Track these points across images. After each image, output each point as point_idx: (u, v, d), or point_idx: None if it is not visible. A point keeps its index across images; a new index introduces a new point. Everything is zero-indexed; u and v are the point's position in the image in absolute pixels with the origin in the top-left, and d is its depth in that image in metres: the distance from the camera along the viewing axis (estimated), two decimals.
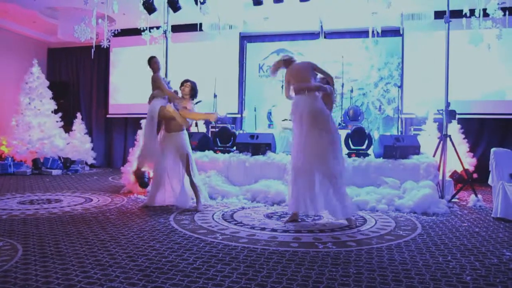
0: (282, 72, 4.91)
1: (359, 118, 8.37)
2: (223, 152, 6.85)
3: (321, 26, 9.48)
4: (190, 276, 2.82)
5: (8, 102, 10.29)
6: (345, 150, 6.57)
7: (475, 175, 7.17)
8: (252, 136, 6.82)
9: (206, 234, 4.01)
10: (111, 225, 4.36)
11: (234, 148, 6.95)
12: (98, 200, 5.91)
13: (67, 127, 10.50)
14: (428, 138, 7.55)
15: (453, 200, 5.95)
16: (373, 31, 7.83)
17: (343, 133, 6.72)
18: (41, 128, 9.84)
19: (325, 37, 9.73)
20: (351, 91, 9.21)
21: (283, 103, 8.12)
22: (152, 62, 5.49)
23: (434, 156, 6.22)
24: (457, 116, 6.88)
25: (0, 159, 9.46)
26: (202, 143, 6.98)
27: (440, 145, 6.08)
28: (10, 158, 9.29)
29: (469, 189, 6.31)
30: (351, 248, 3.59)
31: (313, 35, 9.86)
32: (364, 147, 6.58)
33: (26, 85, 9.97)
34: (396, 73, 9.61)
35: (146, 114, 5.35)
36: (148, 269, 2.95)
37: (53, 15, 9.59)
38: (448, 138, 6.02)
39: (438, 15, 7.68)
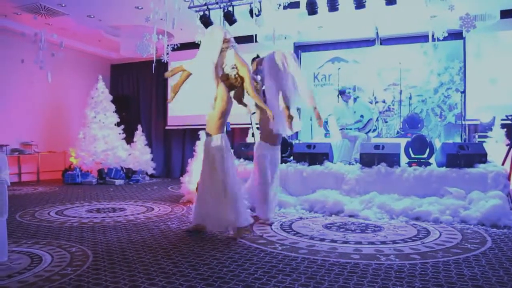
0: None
1: (419, 125, 8.07)
2: (280, 162, 6.84)
3: (377, 33, 9.30)
4: (251, 287, 2.84)
5: (77, 116, 11.02)
6: (405, 159, 6.38)
7: None
8: (309, 146, 6.78)
9: (266, 244, 4.03)
10: (172, 234, 4.49)
11: (291, 158, 6.94)
12: (159, 209, 6.11)
13: (129, 138, 11.00)
14: (495, 146, 7.13)
15: None
16: (432, 35, 7.55)
17: (402, 142, 6.53)
18: (105, 140, 10.37)
19: (381, 44, 9.53)
20: (410, 98, 8.94)
21: (339, 112, 8.03)
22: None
23: (503, 164, 5.86)
24: None
25: (69, 169, 10.08)
26: None
27: (510, 153, 5.72)
28: (78, 169, 9.88)
29: None
30: (415, 261, 3.45)
31: (368, 42, 9.69)
32: (425, 155, 6.33)
33: (92, 100, 10.57)
34: (458, 78, 9.20)
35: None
36: (210, 278, 3.01)
37: (116, 33, 10.14)
38: None
39: (504, 14, 7.28)
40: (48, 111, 10.87)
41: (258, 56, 5.41)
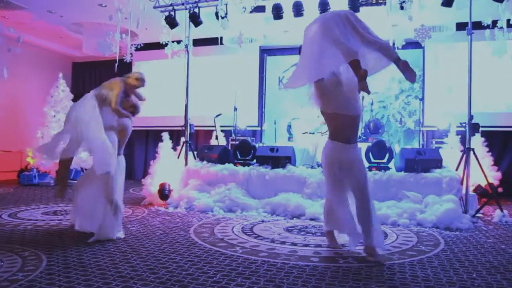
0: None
1: (380, 131, 8.30)
2: (243, 165, 6.87)
3: None
4: None
5: (34, 115, 10.60)
6: (365, 164, 6.52)
7: (500, 189, 7.00)
8: (272, 149, 6.83)
9: (226, 247, 4.02)
10: (132, 237, 4.41)
11: (254, 161, 6.96)
12: None
13: None
14: (450, 151, 7.42)
15: (477, 215, 5.81)
16: (393, 44, 7.78)
17: (363, 146, 6.68)
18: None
19: None
20: (372, 103, 9.17)
21: (304, 116, 8.14)
22: None
23: (457, 169, 6.10)
24: (481, 129, 6.76)
25: (25, 170, 9.69)
26: (222, 156, 7.02)
27: (463, 159, 5.97)
28: (35, 169, 9.52)
29: (494, 204, 6.16)
30: (372, 263, 3.54)
31: None
32: (385, 160, 6.50)
33: (51, 98, 10.22)
34: (417, 86, 9.52)
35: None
36: (168, 281, 2.97)
37: (78, 30, 9.86)
38: (471, 152, 5.92)
39: (460, 26, 7.59)
40: (4, 108, 10.42)
41: None
